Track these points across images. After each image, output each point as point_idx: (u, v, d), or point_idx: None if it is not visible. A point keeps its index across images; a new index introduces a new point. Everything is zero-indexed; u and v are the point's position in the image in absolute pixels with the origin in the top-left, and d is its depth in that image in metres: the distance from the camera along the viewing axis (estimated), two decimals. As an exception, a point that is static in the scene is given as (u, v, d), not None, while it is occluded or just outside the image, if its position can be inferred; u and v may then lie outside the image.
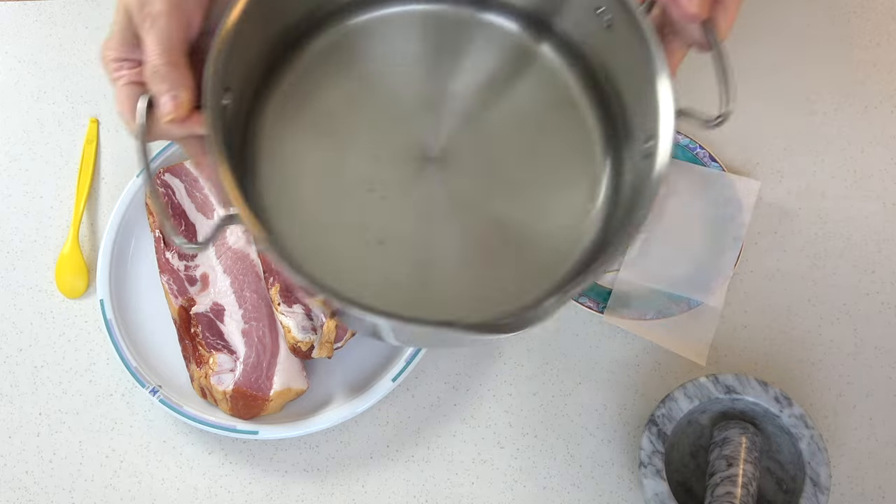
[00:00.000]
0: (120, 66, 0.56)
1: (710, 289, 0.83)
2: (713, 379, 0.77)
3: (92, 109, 0.95)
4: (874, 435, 0.82)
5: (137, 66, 0.56)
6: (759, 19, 0.94)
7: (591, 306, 0.84)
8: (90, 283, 0.88)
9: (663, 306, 0.83)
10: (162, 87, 0.54)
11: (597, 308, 0.84)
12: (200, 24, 0.57)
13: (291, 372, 0.80)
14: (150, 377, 0.82)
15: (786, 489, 0.77)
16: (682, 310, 0.83)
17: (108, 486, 0.83)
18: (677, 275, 0.84)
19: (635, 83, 0.60)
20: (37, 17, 0.98)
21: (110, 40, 0.56)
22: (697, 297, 0.83)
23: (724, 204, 0.86)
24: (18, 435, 0.84)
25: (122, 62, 0.57)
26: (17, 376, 0.86)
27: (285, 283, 0.80)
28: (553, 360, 0.85)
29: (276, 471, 0.83)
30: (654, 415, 0.76)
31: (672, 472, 0.78)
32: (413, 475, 0.82)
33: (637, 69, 0.59)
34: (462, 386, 0.84)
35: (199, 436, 0.84)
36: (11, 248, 0.90)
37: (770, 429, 0.78)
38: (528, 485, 0.82)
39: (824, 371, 0.84)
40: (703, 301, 0.83)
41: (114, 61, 0.57)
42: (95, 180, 0.92)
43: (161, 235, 0.86)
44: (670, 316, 0.83)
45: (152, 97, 0.55)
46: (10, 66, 0.96)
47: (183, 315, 0.83)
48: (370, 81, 0.64)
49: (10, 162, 0.93)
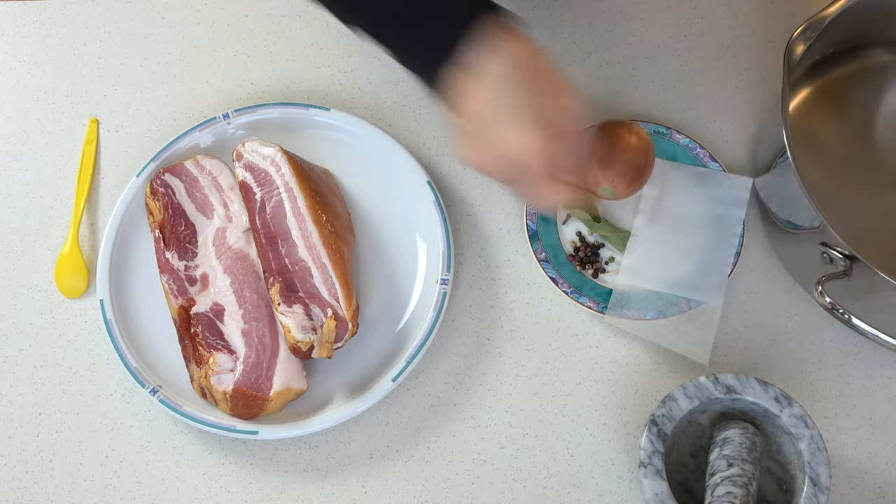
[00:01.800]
0: (577, 173, 0.73)
1: (710, 288, 0.83)
2: (713, 379, 0.77)
3: (92, 109, 0.95)
4: (874, 435, 0.82)
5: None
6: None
7: (592, 307, 0.84)
8: (90, 283, 0.88)
9: (663, 306, 0.83)
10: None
11: (597, 308, 0.84)
12: None
13: (291, 372, 0.80)
14: (150, 377, 0.82)
15: (786, 489, 0.77)
16: (683, 310, 0.83)
17: (108, 486, 0.83)
18: (676, 276, 0.84)
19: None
20: (37, 17, 0.98)
21: (564, 154, 0.69)
22: (697, 297, 0.83)
23: (720, 202, 0.86)
24: (18, 435, 0.84)
25: (576, 171, 0.71)
26: (17, 376, 0.86)
27: (286, 284, 0.81)
28: (553, 360, 0.85)
29: (276, 471, 0.83)
30: (654, 415, 0.76)
31: (672, 472, 0.78)
32: (413, 475, 0.82)
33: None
34: (462, 386, 0.84)
35: (199, 436, 0.84)
36: (11, 248, 0.90)
37: (770, 429, 0.78)
38: (528, 485, 0.82)
39: (824, 371, 0.84)
40: (704, 300, 0.83)
41: (580, 169, 0.76)
42: (95, 180, 0.92)
43: (161, 235, 0.86)
44: (671, 316, 0.83)
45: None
46: (10, 66, 0.96)
47: (183, 315, 0.83)
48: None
49: (10, 162, 0.93)
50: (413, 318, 0.85)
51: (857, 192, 0.86)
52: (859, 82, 0.90)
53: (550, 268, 0.85)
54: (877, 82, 0.90)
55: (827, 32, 0.81)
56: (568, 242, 0.87)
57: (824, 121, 0.88)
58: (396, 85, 0.94)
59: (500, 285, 0.87)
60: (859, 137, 0.88)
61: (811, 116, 0.88)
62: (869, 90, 0.90)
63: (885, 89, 0.90)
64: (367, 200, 0.90)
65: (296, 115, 0.91)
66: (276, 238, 0.83)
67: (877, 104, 0.89)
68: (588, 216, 0.87)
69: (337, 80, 0.95)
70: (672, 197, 0.87)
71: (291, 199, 0.84)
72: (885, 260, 0.74)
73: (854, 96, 0.89)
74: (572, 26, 0.96)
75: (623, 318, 0.83)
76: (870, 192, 0.86)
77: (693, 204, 0.87)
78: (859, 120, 0.88)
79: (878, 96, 0.89)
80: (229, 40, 0.97)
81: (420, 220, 0.88)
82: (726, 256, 0.84)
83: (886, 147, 0.87)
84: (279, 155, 0.85)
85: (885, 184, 0.86)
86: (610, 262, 0.86)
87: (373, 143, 0.90)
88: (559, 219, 0.88)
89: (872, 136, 0.87)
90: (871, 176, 0.86)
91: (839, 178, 0.86)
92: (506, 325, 0.86)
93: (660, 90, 0.93)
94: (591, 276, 0.86)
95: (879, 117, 0.88)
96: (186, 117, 0.94)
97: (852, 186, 0.86)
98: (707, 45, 0.95)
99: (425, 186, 0.88)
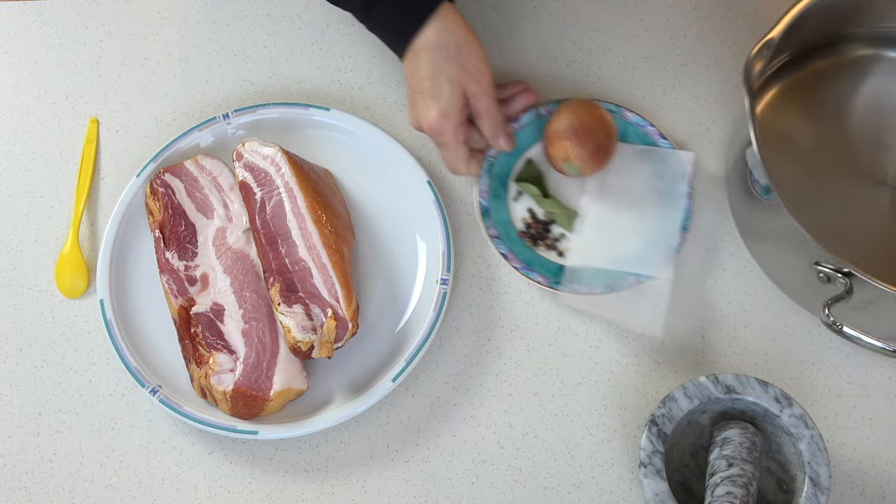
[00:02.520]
0: (459, 132, 0.82)
1: (658, 263, 0.84)
2: (713, 379, 0.77)
3: (92, 109, 0.95)
4: (874, 435, 0.82)
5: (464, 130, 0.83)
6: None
7: (542, 282, 0.84)
8: (90, 283, 0.88)
9: (612, 281, 0.84)
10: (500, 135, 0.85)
11: (548, 283, 0.84)
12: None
13: (291, 372, 0.80)
14: (150, 377, 0.82)
15: (786, 489, 0.77)
16: (632, 284, 0.84)
17: (108, 486, 0.83)
18: (623, 252, 0.85)
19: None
20: (37, 17, 0.98)
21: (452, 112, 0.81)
22: (645, 272, 0.84)
23: (664, 178, 0.87)
24: (18, 435, 0.84)
25: (459, 127, 0.82)
26: (17, 376, 0.86)
27: (286, 284, 0.81)
28: (553, 360, 0.85)
29: (276, 471, 0.83)
30: (654, 415, 0.76)
31: (672, 472, 0.78)
32: (413, 475, 0.82)
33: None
34: (462, 386, 0.84)
35: (199, 436, 0.84)
36: (11, 248, 0.90)
37: (770, 429, 0.78)
38: (528, 485, 0.82)
39: (824, 371, 0.84)
40: (652, 275, 0.84)
41: (460, 125, 0.82)
42: (95, 180, 0.92)
43: (161, 235, 0.86)
44: (620, 290, 0.84)
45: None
46: (10, 66, 0.96)
47: (183, 315, 0.83)
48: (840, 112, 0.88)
49: (10, 162, 0.93)
50: (413, 318, 0.85)
51: (828, 189, 0.86)
52: (833, 78, 0.90)
53: (501, 244, 0.86)
54: (851, 77, 0.90)
55: (790, 37, 0.81)
56: (519, 219, 0.88)
57: (796, 118, 0.89)
58: (396, 85, 0.94)
59: (500, 285, 0.87)
60: (832, 134, 0.88)
61: (782, 114, 0.89)
62: (843, 85, 0.90)
63: (860, 83, 0.90)
64: (367, 200, 0.90)
65: (296, 115, 0.91)
66: (276, 238, 0.83)
67: (851, 99, 0.89)
68: (538, 191, 0.88)
69: (337, 80, 0.95)
70: (617, 175, 0.88)
71: (291, 199, 0.84)
72: (880, 268, 0.75)
73: (827, 92, 0.90)
74: (572, 26, 0.96)
75: (575, 294, 0.84)
76: (842, 188, 0.86)
77: (638, 181, 0.88)
78: (832, 115, 0.89)
79: (853, 91, 0.90)
80: (229, 40, 0.97)
81: (420, 220, 0.88)
82: (672, 230, 0.85)
83: (859, 140, 0.87)
84: (279, 155, 0.85)
85: (853, 179, 0.86)
86: (561, 238, 0.87)
87: (373, 143, 0.90)
88: (510, 195, 0.89)
89: (847, 132, 0.88)
90: (843, 172, 0.87)
91: (810, 177, 0.86)
92: (506, 325, 0.86)
93: (660, 90, 0.93)
94: (542, 253, 0.87)
95: (853, 112, 0.89)
96: (186, 117, 0.94)
97: (825, 185, 0.86)
98: (707, 45, 0.95)
99: (425, 186, 0.88)
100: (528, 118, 0.89)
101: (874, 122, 0.88)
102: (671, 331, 0.85)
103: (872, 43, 0.90)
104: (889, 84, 0.90)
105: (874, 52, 0.91)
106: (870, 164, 0.87)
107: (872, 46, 0.91)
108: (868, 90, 0.90)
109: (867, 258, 0.80)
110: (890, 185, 0.86)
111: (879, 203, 0.85)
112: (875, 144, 0.87)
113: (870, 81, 0.90)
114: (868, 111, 0.89)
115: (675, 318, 0.85)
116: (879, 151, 0.87)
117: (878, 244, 0.84)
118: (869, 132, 0.88)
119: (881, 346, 0.73)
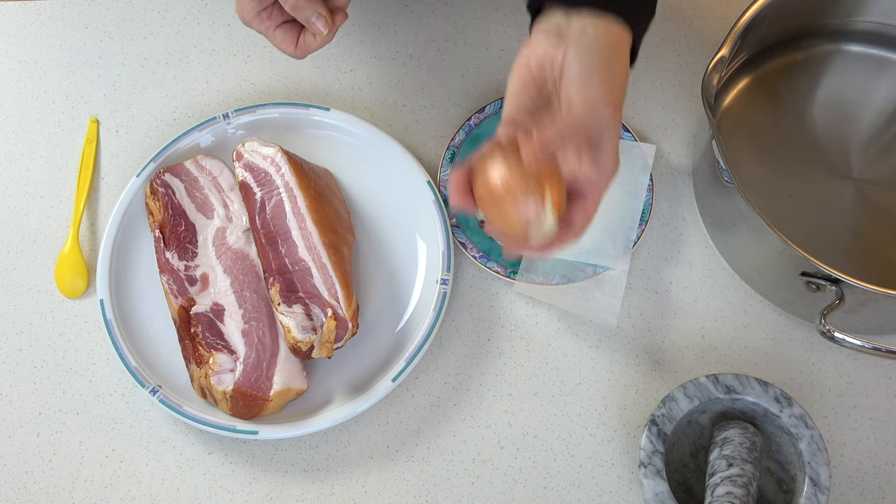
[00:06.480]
0: (262, 18, 0.74)
1: (616, 254, 0.84)
2: (713, 379, 0.77)
3: (92, 109, 0.95)
4: (874, 435, 0.82)
5: (271, 13, 0.74)
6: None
7: (500, 272, 0.85)
8: (90, 283, 0.88)
9: (569, 272, 0.84)
10: (309, 14, 0.73)
11: (505, 273, 0.85)
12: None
13: (291, 372, 0.80)
14: (150, 377, 0.82)
15: (786, 489, 0.77)
16: (588, 275, 0.84)
17: (108, 486, 0.83)
18: (583, 244, 0.85)
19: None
20: (37, 17, 0.98)
21: (244, 2, 0.73)
22: (603, 263, 0.84)
23: (625, 170, 0.87)
24: (18, 435, 0.84)
25: (261, 14, 0.74)
26: (17, 376, 0.86)
27: (286, 284, 0.80)
28: (553, 360, 0.85)
29: (276, 471, 0.83)
30: (654, 415, 0.76)
31: (672, 472, 0.78)
32: (413, 475, 0.82)
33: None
34: (462, 386, 0.84)
35: (199, 436, 0.84)
36: (11, 248, 0.90)
37: (770, 429, 0.78)
38: (528, 485, 0.82)
39: (824, 371, 0.84)
40: (609, 266, 0.84)
41: (257, 16, 0.74)
42: (95, 180, 0.92)
43: (161, 235, 0.86)
44: (577, 281, 0.84)
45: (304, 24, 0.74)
46: (10, 66, 0.96)
47: (183, 315, 0.83)
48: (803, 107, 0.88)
49: (10, 162, 0.93)
50: (413, 318, 0.85)
51: (794, 186, 0.86)
52: (797, 73, 0.91)
53: (461, 233, 0.87)
54: (816, 72, 0.91)
55: (747, 38, 0.82)
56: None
57: (761, 114, 0.89)
58: (396, 85, 0.94)
59: (500, 285, 0.87)
60: (796, 129, 0.88)
61: (746, 111, 0.89)
62: (808, 80, 0.91)
63: (823, 78, 0.91)
64: (367, 200, 0.90)
65: (296, 115, 0.91)
66: (276, 238, 0.83)
67: (815, 93, 0.90)
68: None
69: (337, 80, 0.95)
70: None
71: (291, 199, 0.84)
72: (860, 268, 0.75)
73: (791, 87, 0.90)
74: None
75: (532, 284, 0.84)
76: (808, 184, 0.86)
77: None
78: (797, 110, 0.89)
79: (816, 85, 0.91)
80: (229, 40, 0.97)
81: (420, 220, 0.88)
82: (632, 223, 0.85)
83: (824, 135, 0.88)
84: (279, 155, 0.85)
85: (819, 174, 0.87)
86: None
87: (373, 143, 0.90)
88: None
89: (811, 126, 0.88)
90: (808, 167, 0.87)
91: (775, 173, 0.87)
92: (506, 325, 0.86)
93: (660, 90, 0.93)
94: None
95: (816, 106, 0.89)
96: (186, 117, 0.94)
97: (791, 182, 0.87)
98: (706, 45, 0.95)
99: (425, 186, 0.88)
100: (492, 109, 0.90)
101: (838, 115, 0.89)
102: (671, 331, 0.85)
103: (833, 38, 0.91)
104: (851, 78, 0.90)
105: (835, 46, 0.91)
106: (834, 159, 0.87)
107: (833, 41, 0.91)
108: (831, 84, 0.91)
109: (845, 258, 0.81)
110: (854, 179, 0.86)
111: (844, 197, 0.86)
112: (839, 138, 0.88)
113: (833, 75, 0.91)
114: (832, 105, 0.89)
115: (676, 318, 0.85)
116: (844, 145, 0.87)
117: (847, 240, 0.84)
118: (833, 126, 0.88)
119: (886, 349, 0.73)
